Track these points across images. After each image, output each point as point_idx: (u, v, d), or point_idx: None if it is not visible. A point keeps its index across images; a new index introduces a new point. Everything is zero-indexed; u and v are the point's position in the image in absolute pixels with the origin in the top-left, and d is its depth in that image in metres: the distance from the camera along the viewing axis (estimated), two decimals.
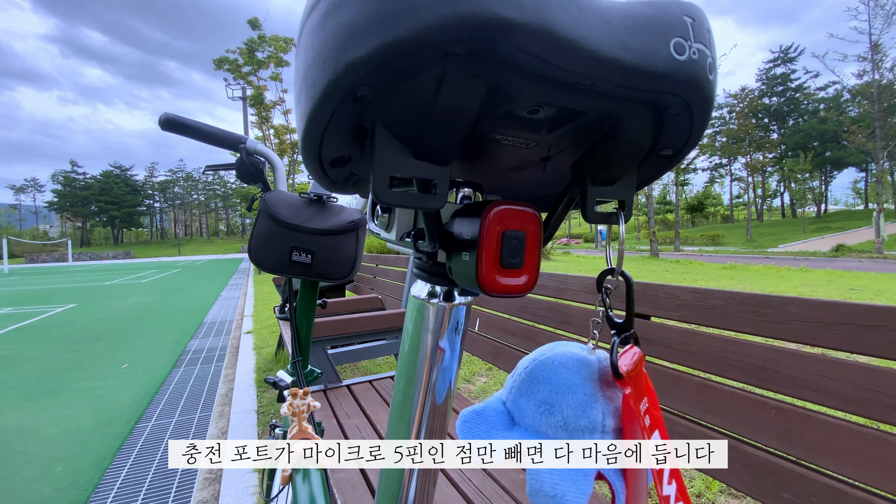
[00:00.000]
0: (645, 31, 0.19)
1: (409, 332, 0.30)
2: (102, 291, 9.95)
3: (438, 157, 0.21)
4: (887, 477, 0.62)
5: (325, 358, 1.84)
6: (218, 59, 23.15)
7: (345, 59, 0.17)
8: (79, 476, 1.88)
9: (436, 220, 0.26)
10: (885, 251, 18.06)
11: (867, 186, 48.61)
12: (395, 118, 0.20)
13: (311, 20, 0.19)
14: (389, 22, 0.16)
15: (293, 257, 0.83)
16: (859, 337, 0.68)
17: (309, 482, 0.74)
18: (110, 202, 74.30)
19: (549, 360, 0.29)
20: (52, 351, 4.19)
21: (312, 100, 0.19)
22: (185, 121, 0.83)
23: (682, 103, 0.21)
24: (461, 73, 0.18)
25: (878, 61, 23.03)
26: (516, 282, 0.24)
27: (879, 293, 6.17)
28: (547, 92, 0.20)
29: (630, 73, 0.19)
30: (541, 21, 0.16)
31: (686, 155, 0.25)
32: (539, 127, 0.24)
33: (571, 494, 0.26)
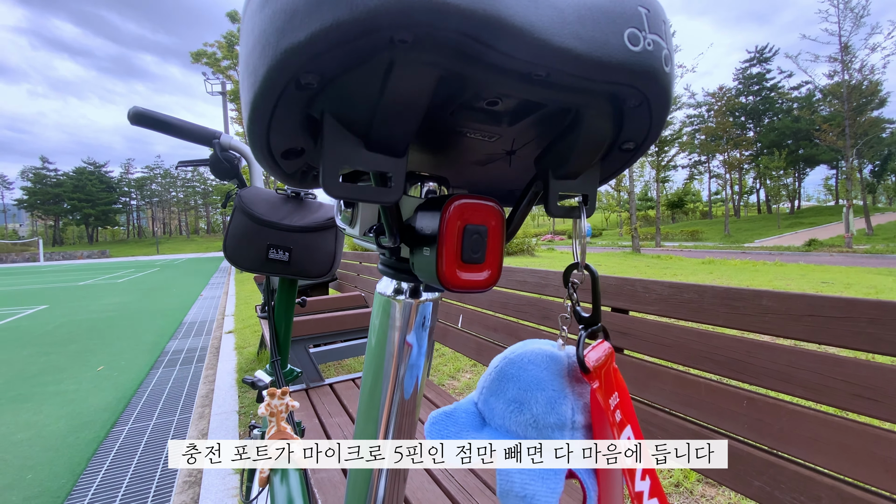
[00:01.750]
0: (598, 21, 0.19)
1: (375, 328, 0.30)
2: (76, 292, 9.64)
3: (392, 148, 0.21)
4: (852, 463, 0.65)
5: (306, 357, 1.82)
6: (196, 53, 22.61)
7: (283, 44, 0.16)
8: (50, 483, 1.82)
9: (395, 215, 0.26)
10: (854, 245, 18.76)
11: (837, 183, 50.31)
12: (345, 108, 0.20)
13: (252, 4, 0.18)
14: (328, 5, 0.15)
15: (270, 255, 0.82)
16: (826, 328, 0.70)
17: (287, 483, 0.73)
18: (84, 200, 71.85)
19: (518, 357, 0.29)
20: (21, 354, 4.04)
21: (254, 87, 0.18)
22: (155, 115, 0.80)
23: (639, 96, 0.21)
24: (409, 61, 0.17)
25: (848, 62, 23.82)
26: (478, 277, 0.23)
27: (849, 286, 6.40)
28: (502, 82, 0.19)
29: (583, 64, 0.19)
30: (487, 7, 0.16)
31: (648, 148, 0.25)
32: (500, 119, 0.24)
33: (542, 494, 0.25)
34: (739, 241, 27.89)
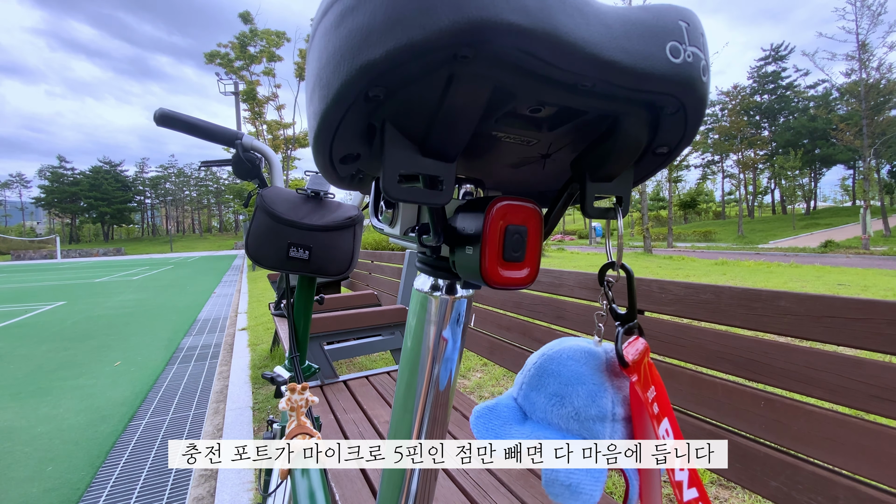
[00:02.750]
0: (643, 35, 0.20)
1: (412, 325, 0.31)
2: (93, 289, 9.83)
3: (445, 154, 0.22)
4: (870, 464, 0.64)
5: (321, 354, 1.85)
6: (209, 54, 22.87)
7: (359, 60, 0.18)
8: (70, 476, 1.86)
9: (441, 216, 0.27)
10: (871, 247, 18.36)
11: (855, 183, 49.34)
12: (405, 117, 0.21)
13: (325, 22, 0.20)
14: (403, 26, 0.17)
15: (291, 253, 0.84)
16: (845, 329, 0.70)
17: (308, 477, 0.74)
18: (100, 198, 73.16)
19: (557, 353, 0.30)
20: (40, 349, 4.14)
21: (326, 99, 0.20)
22: (180, 116, 0.83)
23: (676, 103, 0.22)
24: (469, 75, 0.18)
25: (866, 60, 23.33)
26: (518, 274, 0.25)
27: (866, 288, 6.28)
28: (550, 92, 0.20)
29: (628, 75, 0.20)
30: (545, 25, 0.17)
31: (681, 152, 0.26)
32: (540, 125, 0.25)
33: (587, 483, 0.26)
34: (753, 242, 27.47)
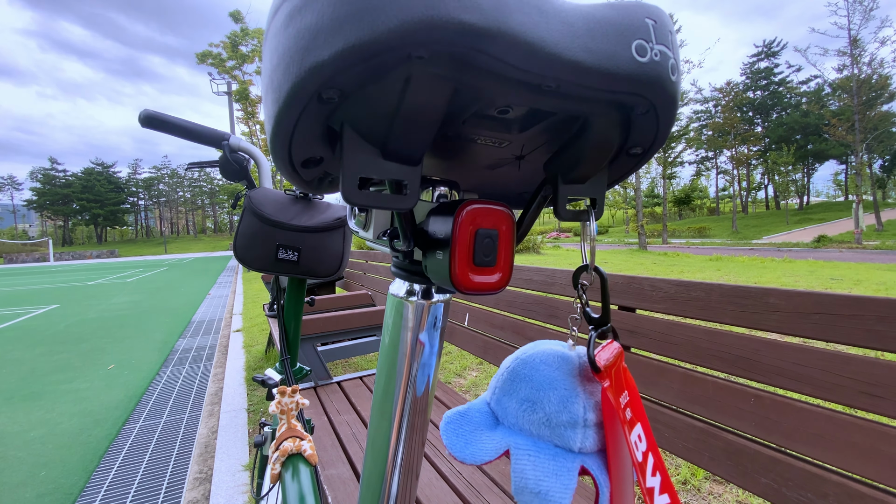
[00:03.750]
0: (607, 34, 0.19)
1: (388, 328, 0.30)
2: (86, 291, 9.75)
3: (408, 157, 0.22)
4: (860, 460, 0.65)
5: (314, 355, 1.84)
6: (201, 54, 22.72)
7: (307, 62, 0.17)
8: (64, 480, 1.85)
9: (409, 220, 0.27)
10: (863, 242, 18.53)
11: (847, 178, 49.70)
12: (363, 120, 0.20)
13: (275, 22, 0.19)
14: (350, 26, 0.16)
15: (280, 255, 0.83)
16: (834, 326, 0.70)
17: (298, 480, 0.74)
18: (92, 200, 72.58)
19: (530, 357, 0.30)
20: (34, 353, 4.10)
21: (278, 102, 0.19)
22: (165, 117, 0.82)
23: (646, 104, 0.22)
24: (426, 76, 0.18)
25: (857, 56, 23.49)
26: (490, 279, 0.24)
27: (858, 283, 6.34)
28: (514, 94, 0.20)
29: (592, 75, 0.19)
30: (500, 25, 0.17)
31: (655, 153, 0.25)
32: (510, 126, 0.25)
33: (556, 490, 0.26)
34: (747, 238, 27.65)
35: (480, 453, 0.28)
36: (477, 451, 0.28)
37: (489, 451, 0.28)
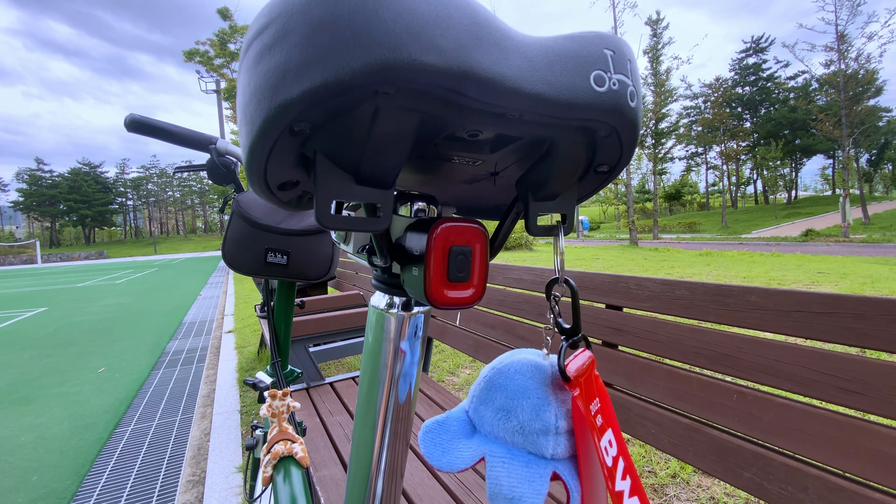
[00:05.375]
0: (566, 66, 0.20)
1: (369, 339, 0.31)
2: (75, 293, 9.63)
3: (380, 181, 0.22)
4: (838, 454, 0.67)
5: (306, 356, 1.84)
6: (188, 52, 22.45)
7: (277, 99, 0.18)
8: (56, 485, 1.84)
9: (385, 238, 0.27)
10: (850, 235, 18.83)
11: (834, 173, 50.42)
12: (335, 148, 0.21)
13: (247, 59, 0.20)
14: (317, 67, 0.17)
15: (268, 258, 0.83)
16: (812, 323, 0.72)
17: (289, 482, 0.74)
18: (80, 201, 71.45)
19: (505, 367, 0.30)
20: (22, 357, 4.05)
21: (251, 135, 0.20)
22: (151, 122, 0.81)
23: (608, 127, 0.23)
24: (394, 108, 0.19)
25: (844, 51, 23.79)
26: (463, 294, 0.25)
27: (845, 276, 6.44)
28: (479, 121, 0.21)
29: (553, 106, 0.20)
30: (460, 65, 0.17)
31: (622, 169, 0.26)
32: (482, 147, 0.25)
33: (528, 495, 0.27)
34: (737, 232, 27.97)
35: (457, 461, 0.29)
36: (453, 459, 0.29)
37: (465, 458, 0.29)
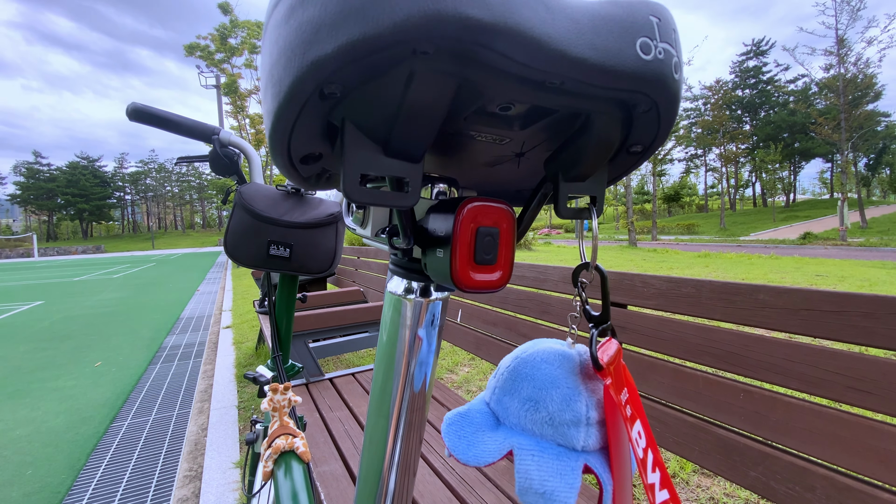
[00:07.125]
0: (612, 31, 0.19)
1: (386, 326, 0.30)
2: (72, 287, 9.58)
3: (410, 154, 0.21)
4: (846, 454, 0.66)
5: (306, 352, 1.83)
6: (188, 46, 22.37)
7: (309, 56, 0.17)
8: (51, 479, 1.82)
9: (410, 217, 0.26)
10: (848, 239, 18.90)
11: (833, 176, 50.59)
12: (365, 116, 0.20)
13: (276, 15, 0.19)
14: (354, 19, 0.16)
15: (271, 251, 0.82)
16: (821, 322, 0.71)
17: (291, 477, 0.73)
18: (78, 195, 71.13)
19: (531, 356, 0.29)
20: (18, 350, 4.02)
21: (278, 97, 0.19)
22: (154, 111, 0.80)
23: (649, 101, 0.22)
24: (430, 71, 0.18)
25: (844, 55, 23.85)
26: (490, 277, 0.24)
27: (843, 279, 6.46)
28: (517, 90, 0.20)
29: (597, 73, 0.19)
30: (507, 20, 0.16)
31: (655, 151, 0.25)
32: (511, 123, 0.24)
33: (561, 490, 0.26)
34: (735, 235, 28.05)
35: (484, 455, 0.28)
36: (480, 452, 0.28)
37: (493, 452, 0.28)
